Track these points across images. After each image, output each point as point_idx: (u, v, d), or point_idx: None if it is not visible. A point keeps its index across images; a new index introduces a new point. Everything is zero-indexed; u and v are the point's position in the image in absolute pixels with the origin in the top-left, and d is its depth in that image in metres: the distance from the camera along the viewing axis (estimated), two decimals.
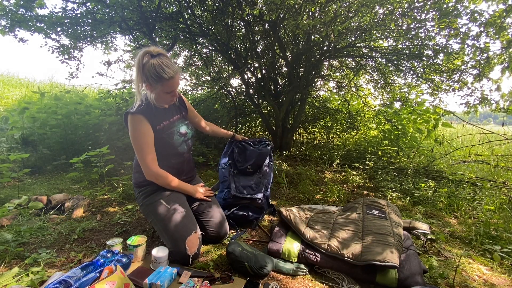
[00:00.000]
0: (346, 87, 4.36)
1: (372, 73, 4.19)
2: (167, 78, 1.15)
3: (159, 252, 1.19)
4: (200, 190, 1.38)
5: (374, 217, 1.43)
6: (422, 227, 1.52)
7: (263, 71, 3.78)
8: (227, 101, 5.05)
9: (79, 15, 2.55)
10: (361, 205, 1.58)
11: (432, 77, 3.18)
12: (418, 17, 1.92)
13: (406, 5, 1.92)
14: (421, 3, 1.86)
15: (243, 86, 4.27)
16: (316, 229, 1.38)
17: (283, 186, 2.51)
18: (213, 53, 4.02)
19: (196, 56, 3.97)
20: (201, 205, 1.41)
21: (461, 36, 1.88)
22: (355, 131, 4.47)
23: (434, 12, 1.87)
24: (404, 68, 3.45)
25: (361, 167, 3.02)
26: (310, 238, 1.30)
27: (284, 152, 3.76)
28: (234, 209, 1.48)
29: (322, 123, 4.34)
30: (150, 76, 1.14)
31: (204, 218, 1.38)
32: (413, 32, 2.37)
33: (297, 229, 1.36)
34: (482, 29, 1.76)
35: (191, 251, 1.21)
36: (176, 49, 4.21)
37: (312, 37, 3.06)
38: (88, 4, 2.54)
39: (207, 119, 4.76)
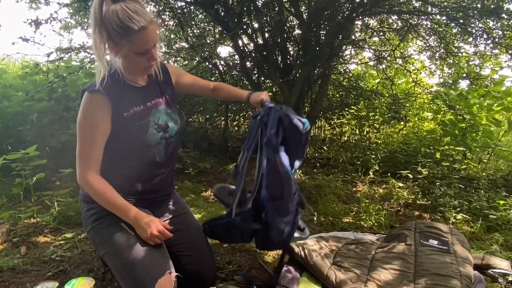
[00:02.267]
0: (389, 58, 4.36)
1: (427, 38, 4.19)
2: (137, 29, 1.11)
3: None
4: (154, 229, 1.20)
5: (431, 251, 1.43)
6: (501, 264, 1.51)
7: (266, 35, 3.78)
8: (212, 79, 5.03)
9: None
10: (412, 233, 1.59)
11: None
12: None
13: None
14: None
15: (236, 56, 4.25)
16: (346, 268, 1.38)
17: None
18: (192, 8, 4.00)
19: (167, 13, 3.95)
20: (175, 231, 1.41)
21: None
22: (402, 123, 4.47)
23: None
24: (474, 30, 3.44)
25: (411, 176, 3.03)
26: (337, 283, 1.30)
27: None
28: None
29: (353, 111, 4.34)
30: (113, 29, 1.11)
31: (178, 249, 1.37)
32: None
33: (317, 270, 1.36)
34: None
35: None
36: None
37: None
38: None
39: (183, 104, 4.80)
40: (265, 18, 3.73)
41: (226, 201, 1.51)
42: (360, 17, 3.77)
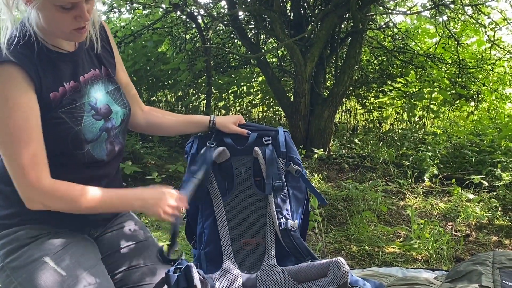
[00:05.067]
0: (453, 5, 4.34)
1: None
2: None
3: None
4: (169, 204, 1.35)
5: None
6: None
7: None
8: (187, 37, 5.02)
9: None
10: (490, 269, 1.59)
11: None
12: None
13: None
14: None
15: (224, 3, 4.22)
16: None
17: (314, 226, 2.51)
18: None
19: None
20: (136, 269, 1.40)
21: None
22: (472, 103, 4.46)
23: None
24: None
25: (486, 183, 3.02)
26: None
27: (315, 151, 3.75)
28: None
29: (399, 86, 4.33)
30: None
31: None
32: None
33: None
34: None
35: None
36: None
37: None
38: None
39: (140, 75, 4.73)
40: None
41: None
42: None
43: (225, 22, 4.41)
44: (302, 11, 4.10)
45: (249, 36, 4.40)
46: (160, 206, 1.31)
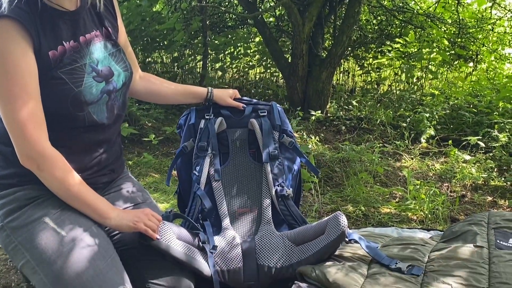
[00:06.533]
0: None
1: None
2: None
3: None
4: (142, 220, 1.33)
5: None
6: None
7: None
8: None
9: None
10: (484, 229, 1.60)
11: None
12: None
13: None
14: None
15: None
16: (386, 285, 1.38)
17: (311, 187, 2.53)
18: None
19: None
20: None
21: None
22: (471, 64, 4.42)
23: None
24: None
25: (482, 144, 3.03)
26: None
27: (313, 113, 3.74)
28: None
29: (398, 46, 4.28)
30: None
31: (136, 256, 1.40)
32: None
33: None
34: None
35: None
36: None
37: None
38: None
39: (135, 35, 4.64)
40: None
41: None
42: None
43: None
44: None
45: None
46: (140, 218, 1.32)
